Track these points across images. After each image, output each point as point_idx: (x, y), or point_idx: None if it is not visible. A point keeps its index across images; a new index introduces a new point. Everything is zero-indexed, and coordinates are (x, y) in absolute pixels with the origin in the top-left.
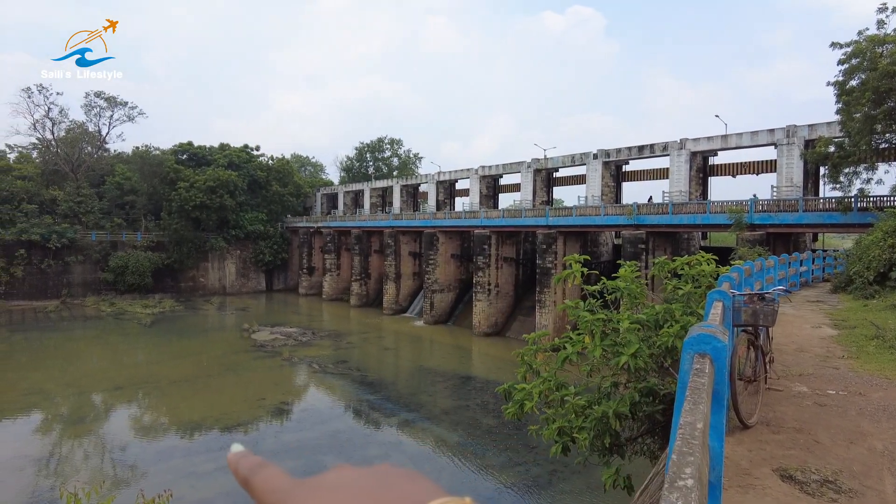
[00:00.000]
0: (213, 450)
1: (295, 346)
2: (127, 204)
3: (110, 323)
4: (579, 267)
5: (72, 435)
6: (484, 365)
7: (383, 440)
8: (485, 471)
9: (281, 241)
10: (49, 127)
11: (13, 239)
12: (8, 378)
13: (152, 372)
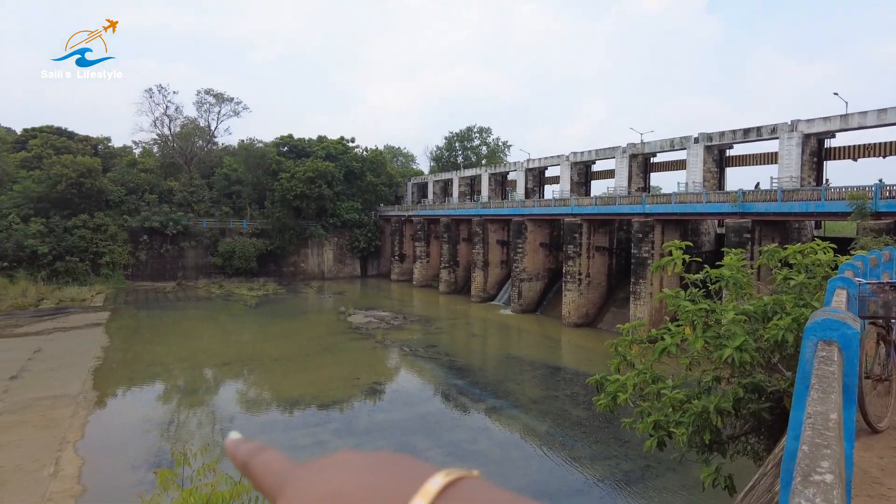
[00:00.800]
0: (311, 425)
1: (387, 329)
2: (234, 193)
3: (219, 304)
4: (680, 254)
5: (187, 404)
6: (574, 356)
7: (471, 425)
8: (573, 462)
9: (374, 229)
10: (166, 123)
11: (138, 226)
12: (135, 351)
13: (257, 350)
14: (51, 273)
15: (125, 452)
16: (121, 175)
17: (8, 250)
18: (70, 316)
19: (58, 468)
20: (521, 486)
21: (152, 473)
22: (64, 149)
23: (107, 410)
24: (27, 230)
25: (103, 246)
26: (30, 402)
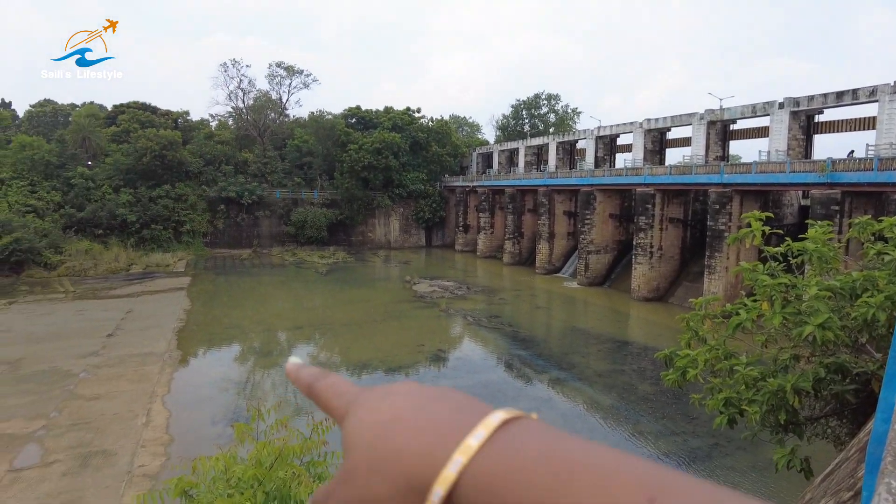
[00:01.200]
0: None
1: (451, 298)
2: (305, 165)
3: (292, 271)
4: (759, 226)
5: (261, 365)
6: (642, 330)
7: (534, 394)
8: (638, 437)
9: (439, 200)
10: (241, 97)
11: (216, 196)
12: (214, 314)
13: (327, 315)
14: (138, 240)
15: (206, 408)
16: (199, 147)
17: (102, 219)
18: (156, 280)
19: (149, 419)
20: None
21: (230, 427)
22: (148, 123)
23: (189, 368)
24: (118, 200)
25: (184, 215)
26: (124, 357)
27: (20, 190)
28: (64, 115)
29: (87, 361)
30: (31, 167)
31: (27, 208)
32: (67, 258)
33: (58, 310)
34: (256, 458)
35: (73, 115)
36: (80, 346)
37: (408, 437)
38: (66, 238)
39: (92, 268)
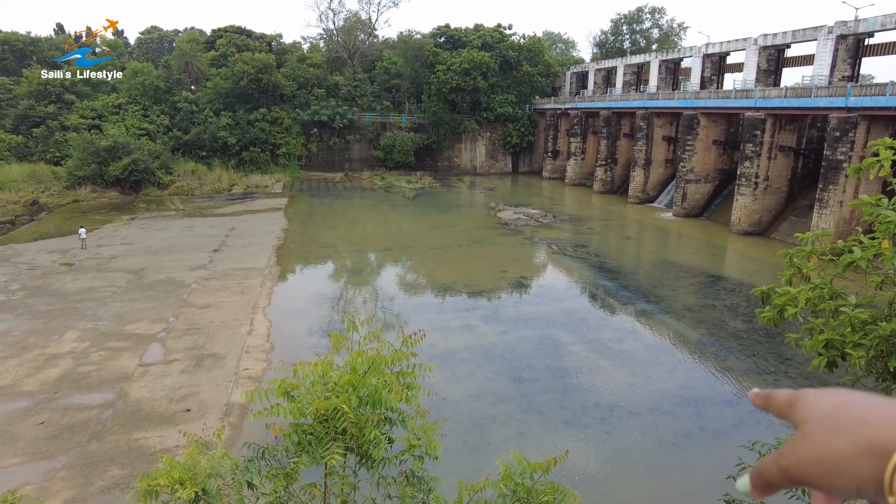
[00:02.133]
0: (461, 310)
1: (536, 226)
2: (393, 87)
3: (381, 194)
4: (889, 154)
5: (353, 283)
6: (738, 266)
7: (618, 325)
8: (725, 373)
9: (528, 124)
10: (331, 17)
11: (309, 119)
12: (310, 233)
13: (413, 238)
14: (238, 162)
15: (302, 319)
16: (292, 70)
17: (205, 141)
18: (255, 200)
19: (252, 327)
20: (666, 388)
21: (324, 338)
22: (244, 47)
23: (287, 283)
24: (219, 123)
25: (280, 138)
26: (229, 271)
27: (134, 114)
28: (169, 40)
29: (197, 274)
30: (143, 92)
31: (141, 131)
32: (177, 178)
33: (170, 226)
34: (351, 366)
35: (177, 41)
36: (191, 259)
37: (871, 409)
38: (175, 159)
39: (198, 187)
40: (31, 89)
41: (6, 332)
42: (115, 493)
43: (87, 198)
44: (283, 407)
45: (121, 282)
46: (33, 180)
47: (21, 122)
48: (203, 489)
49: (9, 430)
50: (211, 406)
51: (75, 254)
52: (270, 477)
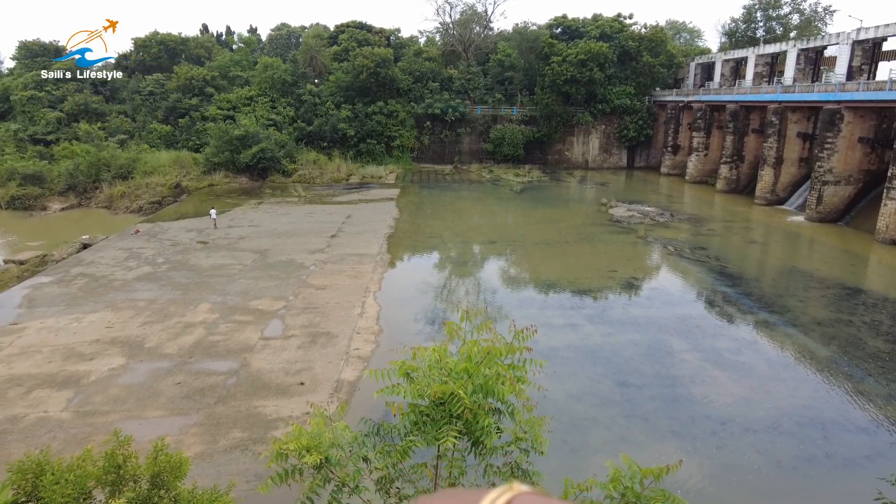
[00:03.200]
0: (565, 308)
1: (651, 225)
2: (506, 80)
3: (488, 187)
4: None
5: (457, 274)
6: (883, 279)
7: (736, 335)
8: (859, 397)
9: (646, 117)
10: (448, 11)
11: (422, 112)
12: (418, 223)
13: (519, 232)
14: (356, 153)
15: (409, 306)
16: (408, 64)
17: (326, 132)
18: (370, 190)
19: (363, 310)
20: (787, 407)
21: (428, 325)
22: (364, 41)
23: (396, 270)
24: (339, 115)
25: (394, 130)
26: (344, 256)
27: (264, 105)
28: (296, 36)
29: (315, 257)
30: (272, 85)
31: (269, 122)
32: (300, 167)
33: (293, 211)
34: (467, 354)
35: (303, 37)
36: (310, 243)
37: None
38: (299, 149)
39: (318, 176)
40: (179, 84)
41: (153, 300)
42: (235, 454)
43: (221, 182)
44: (403, 387)
45: (247, 261)
46: (177, 165)
47: (170, 114)
48: (326, 458)
49: (153, 386)
50: (323, 381)
51: (209, 233)
52: (384, 453)
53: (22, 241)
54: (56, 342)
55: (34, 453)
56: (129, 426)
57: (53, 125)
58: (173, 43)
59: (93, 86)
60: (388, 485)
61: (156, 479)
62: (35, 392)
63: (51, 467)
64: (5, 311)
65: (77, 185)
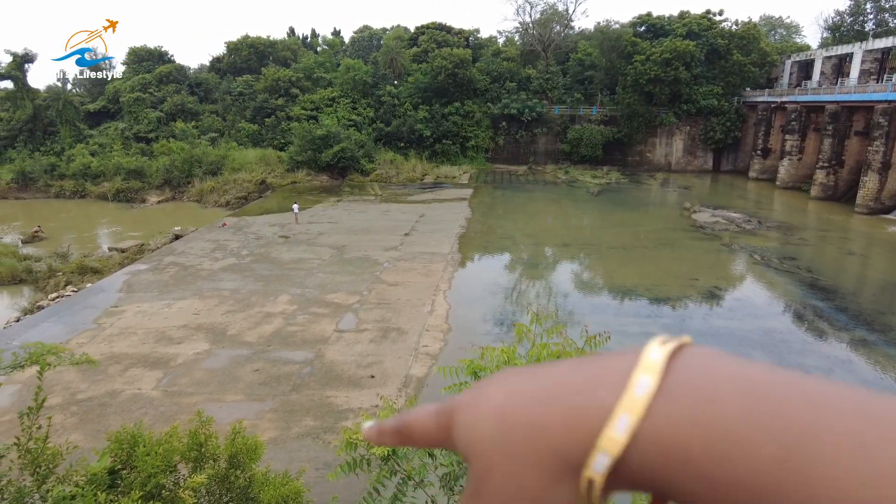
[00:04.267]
0: (641, 315)
1: (737, 232)
2: (586, 80)
3: (563, 189)
4: None
5: (528, 276)
6: None
7: (828, 353)
8: None
9: (735, 118)
10: (528, 10)
11: (499, 113)
12: (490, 224)
13: (594, 236)
14: (431, 153)
15: (478, 306)
16: (486, 64)
17: (403, 133)
18: (444, 190)
19: (433, 308)
20: None
21: (496, 326)
22: (443, 42)
23: (467, 270)
24: (416, 116)
25: (470, 131)
26: (416, 254)
27: (345, 106)
28: (377, 38)
29: (388, 254)
30: (353, 87)
31: (349, 122)
32: (377, 166)
33: (369, 209)
34: (536, 357)
35: (384, 39)
36: (385, 240)
37: (542, 406)
38: (377, 149)
39: (395, 176)
40: (266, 85)
41: (236, 290)
42: (306, 441)
43: (303, 180)
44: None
45: (325, 256)
46: (263, 163)
47: (257, 114)
48: (393, 450)
49: (233, 371)
50: (392, 376)
51: (291, 228)
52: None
53: (125, 231)
54: (149, 325)
55: (129, 426)
56: (211, 408)
57: (154, 124)
58: (262, 46)
59: (189, 87)
60: (453, 482)
61: (233, 459)
62: (130, 370)
63: (143, 440)
64: (108, 295)
65: (172, 179)
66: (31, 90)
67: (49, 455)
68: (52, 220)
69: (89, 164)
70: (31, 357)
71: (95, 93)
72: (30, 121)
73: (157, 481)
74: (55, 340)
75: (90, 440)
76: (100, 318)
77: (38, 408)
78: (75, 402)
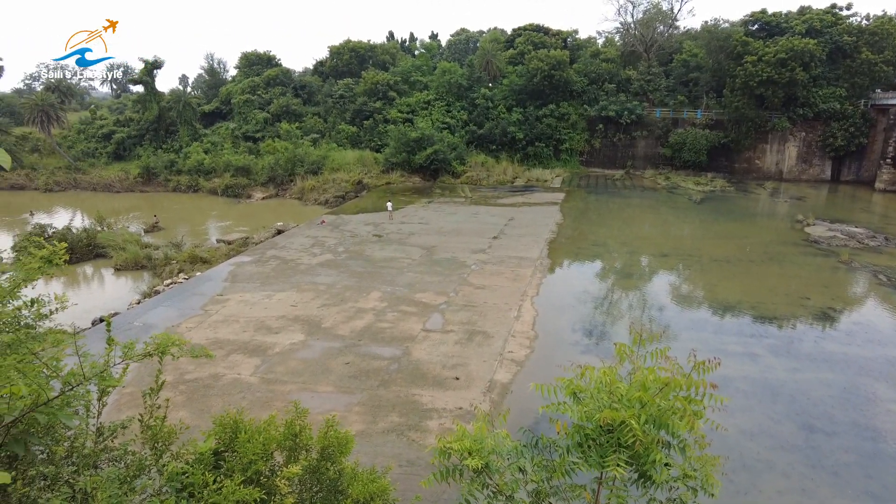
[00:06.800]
0: (745, 335)
1: (857, 248)
2: (690, 81)
3: (663, 195)
4: None
5: (621, 286)
6: None
7: None
8: None
9: (860, 123)
10: (630, 10)
11: (595, 115)
12: (582, 229)
13: (695, 246)
14: (523, 156)
15: (566, 314)
16: (584, 66)
17: (496, 135)
18: (535, 193)
19: (519, 313)
20: None
21: (585, 337)
22: (540, 44)
23: (555, 276)
24: (509, 118)
25: (564, 133)
26: (504, 258)
27: (439, 109)
28: (474, 41)
29: (476, 257)
30: (448, 90)
31: (443, 125)
32: (468, 168)
33: (459, 211)
34: (641, 383)
35: (481, 41)
36: (473, 243)
37: None
38: (468, 151)
39: (485, 178)
40: (365, 88)
41: (332, 285)
42: (391, 437)
43: (397, 181)
44: (570, 407)
45: (415, 255)
46: (360, 164)
47: (356, 116)
48: (486, 463)
49: (325, 363)
50: (476, 379)
51: (383, 227)
52: (541, 466)
53: (232, 225)
54: (250, 314)
55: (232, 411)
56: (303, 397)
57: (261, 124)
58: (362, 50)
59: (294, 90)
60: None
61: (324, 451)
62: (232, 356)
63: (244, 426)
64: (215, 284)
65: (276, 177)
66: (157, 93)
67: (166, 433)
68: (169, 212)
69: (202, 161)
70: (158, 347)
71: (210, 95)
72: (155, 121)
73: (257, 468)
74: (168, 323)
75: (195, 418)
76: (206, 305)
77: (158, 389)
78: (183, 382)
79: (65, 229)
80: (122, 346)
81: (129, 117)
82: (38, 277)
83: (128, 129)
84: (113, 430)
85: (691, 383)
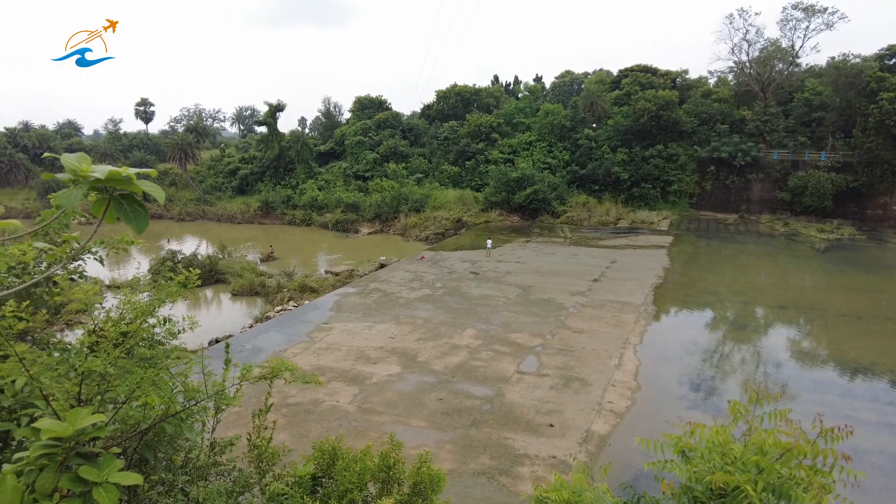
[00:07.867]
0: (880, 401)
1: None
2: (813, 121)
3: (781, 242)
4: None
5: (733, 338)
6: None
7: None
8: None
9: None
10: (745, 49)
11: (707, 156)
12: (691, 275)
13: (819, 299)
14: (628, 197)
15: (672, 366)
16: (695, 106)
17: (599, 176)
18: (639, 236)
19: (621, 362)
20: None
21: (692, 392)
22: (648, 84)
23: (661, 324)
24: (614, 159)
25: (673, 174)
26: (605, 302)
27: (541, 150)
28: (579, 82)
29: (575, 299)
30: (550, 130)
31: (544, 165)
32: (569, 208)
33: (557, 251)
34: (759, 445)
35: (585, 83)
36: (572, 284)
37: None
38: (569, 191)
39: (586, 219)
40: (469, 130)
41: (428, 320)
42: (481, 480)
43: (496, 220)
44: (678, 465)
45: (511, 294)
46: (460, 202)
47: (459, 156)
48: None
49: (419, 397)
50: (572, 428)
51: (480, 265)
52: None
53: (341, 258)
54: (351, 344)
55: (331, 438)
56: (397, 430)
57: (371, 164)
58: (468, 94)
59: (402, 132)
60: None
61: (416, 487)
62: (332, 383)
63: (342, 454)
64: (321, 313)
65: (382, 214)
66: (279, 134)
67: (270, 453)
68: (283, 244)
69: (316, 197)
70: (273, 371)
71: (326, 136)
72: (276, 159)
73: (352, 497)
74: (277, 348)
75: (294, 441)
76: (312, 332)
77: (266, 410)
78: (286, 405)
79: (191, 255)
80: (242, 368)
81: (253, 155)
82: (175, 300)
83: (251, 165)
84: (224, 446)
85: (818, 451)
